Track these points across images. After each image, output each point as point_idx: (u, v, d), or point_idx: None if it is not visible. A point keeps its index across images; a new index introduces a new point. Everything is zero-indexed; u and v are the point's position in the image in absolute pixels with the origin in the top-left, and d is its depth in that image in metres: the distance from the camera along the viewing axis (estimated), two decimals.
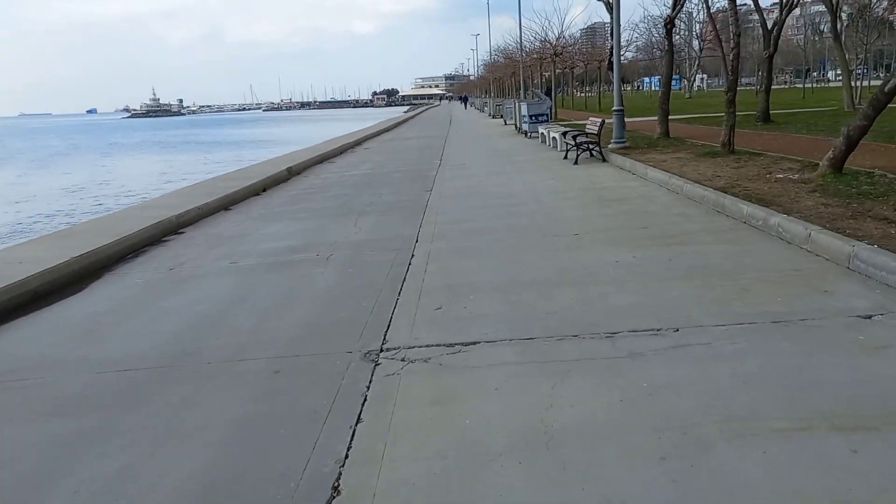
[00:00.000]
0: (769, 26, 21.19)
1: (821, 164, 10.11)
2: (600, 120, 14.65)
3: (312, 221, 10.09)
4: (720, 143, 13.91)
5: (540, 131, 21.91)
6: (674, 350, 4.28)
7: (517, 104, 27.55)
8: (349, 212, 10.67)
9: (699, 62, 61.07)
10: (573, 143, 14.59)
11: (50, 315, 6.31)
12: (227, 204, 12.18)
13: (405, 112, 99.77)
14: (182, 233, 10.00)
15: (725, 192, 8.83)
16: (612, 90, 19.92)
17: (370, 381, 4.24)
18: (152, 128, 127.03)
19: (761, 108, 21.64)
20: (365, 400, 4.00)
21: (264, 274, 7.16)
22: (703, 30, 57.47)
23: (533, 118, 23.63)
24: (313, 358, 4.72)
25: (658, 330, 4.63)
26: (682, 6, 17.70)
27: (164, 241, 9.46)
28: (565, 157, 15.99)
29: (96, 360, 4.99)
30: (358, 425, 3.70)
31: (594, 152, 15.05)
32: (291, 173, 16.80)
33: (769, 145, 15.02)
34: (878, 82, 17.78)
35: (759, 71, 63.59)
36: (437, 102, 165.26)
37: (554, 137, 19.14)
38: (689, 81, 63.70)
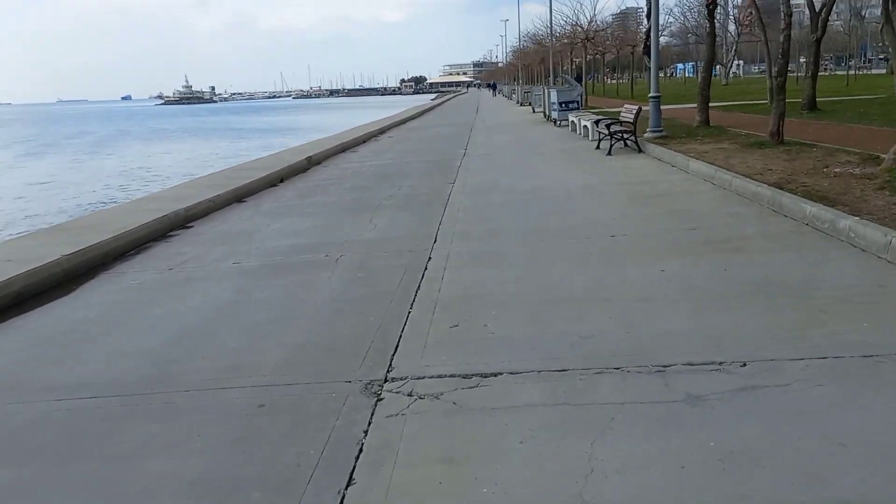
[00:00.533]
0: (817, 8, 19.89)
1: (886, 157, 9.10)
2: (636, 107, 13.71)
3: (326, 217, 9.38)
4: (768, 132, 12.88)
5: (570, 119, 20.95)
6: (743, 394, 3.46)
7: (546, 91, 26.57)
8: (366, 207, 9.94)
9: (736, 47, 59.09)
10: (607, 132, 13.67)
11: (27, 323, 5.69)
12: (241, 196, 11.53)
13: (432, 100, 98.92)
14: (190, 227, 9.37)
15: (782, 189, 7.90)
16: (646, 77, 18.93)
17: (369, 424, 3.51)
18: (187, 114, 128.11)
19: (807, 96, 20.38)
20: (361, 451, 3.27)
21: (267, 278, 6.47)
22: (741, 14, 55.56)
23: (563, 105, 22.65)
24: (306, 388, 4.00)
25: (720, 364, 3.81)
26: None
27: (170, 236, 8.84)
28: (597, 148, 15.07)
29: (62, 384, 4.34)
30: (349, 489, 2.96)
31: (629, 142, 14.11)
32: (311, 163, 16.12)
33: (821, 136, 13.92)
34: None
35: (801, 56, 61.32)
36: (465, 90, 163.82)
37: (585, 126, 18.19)
38: (725, 68, 61.66)
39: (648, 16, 21.69)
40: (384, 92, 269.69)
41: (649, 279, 5.45)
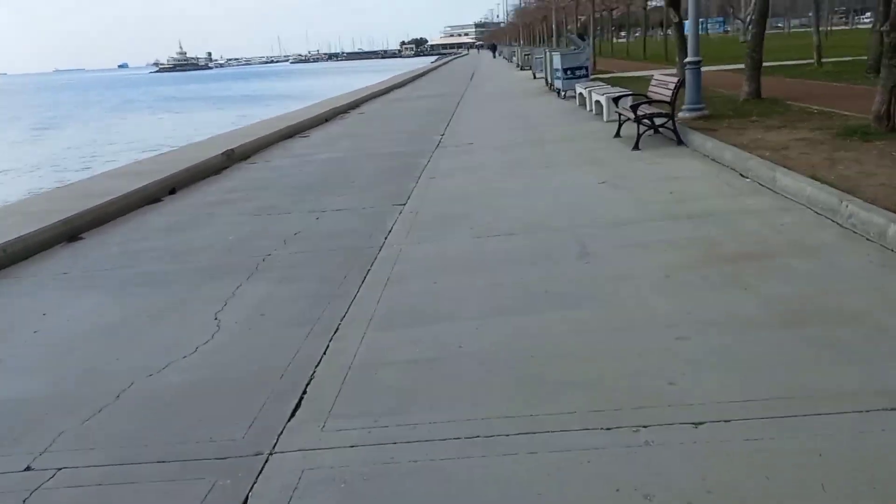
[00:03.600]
0: None
1: None
2: (674, 80, 9.53)
3: (156, 294, 5.38)
4: (872, 115, 8.76)
5: (578, 91, 16.73)
6: None
7: (548, 55, 22.23)
8: (240, 265, 5.90)
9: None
10: (632, 115, 9.53)
11: None
12: (76, 231, 7.52)
13: (432, 62, 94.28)
14: None
15: None
16: (662, 35, 14.81)
17: None
18: (177, 82, 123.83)
19: (874, 55, 16.02)
20: None
21: None
22: None
23: (568, 73, 18.39)
24: None
25: None
26: None
27: None
28: (617, 135, 10.94)
29: None
30: None
31: (663, 129, 9.98)
32: (231, 159, 12.08)
33: None
34: None
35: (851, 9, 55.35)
36: (466, 52, 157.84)
37: (598, 101, 14.02)
38: (744, 22, 56.36)
39: None
40: (384, 55, 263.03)
41: None
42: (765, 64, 23.55)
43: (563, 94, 18.80)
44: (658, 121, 9.87)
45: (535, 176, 8.54)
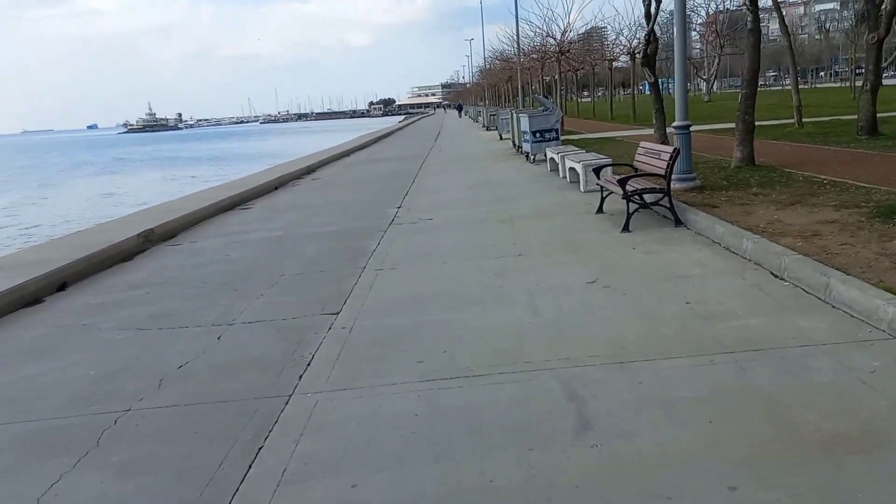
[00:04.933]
0: None
1: None
2: (671, 150, 7.98)
3: None
4: None
5: (549, 155, 15.33)
6: None
7: (515, 116, 21.00)
8: (69, 441, 4.00)
9: (719, 60, 54.29)
10: (621, 192, 7.94)
11: None
12: None
13: (400, 122, 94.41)
14: None
15: None
16: (625, 95, 13.65)
17: None
18: (140, 142, 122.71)
19: (866, 115, 15.02)
20: None
21: None
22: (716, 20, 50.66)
23: (537, 135, 17.06)
24: None
25: None
26: None
27: None
28: (600, 211, 9.38)
29: None
30: None
31: (656, 206, 8.40)
32: (150, 241, 10.20)
33: None
34: None
35: (851, 64, 55.86)
36: (433, 111, 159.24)
37: (573, 169, 12.55)
38: (708, 83, 56.89)
39: (648, 16, 16.33)
40: (353, 115, 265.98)
41: None
42: (732, 123, 22.73)
43: (532, 157, 17.44)
44: (649, 196, 8.31)
45: (504, 269, 6.83)
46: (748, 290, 5.38)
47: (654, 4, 15.64)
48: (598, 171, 9.71)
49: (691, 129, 10.03)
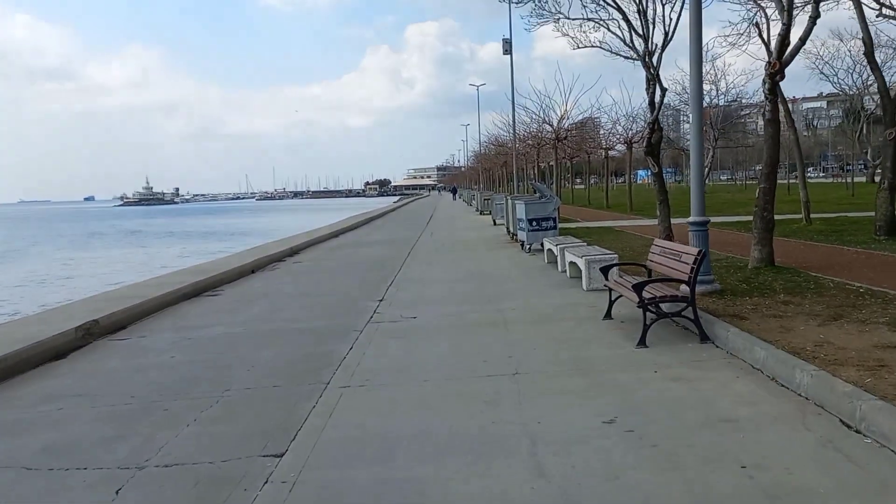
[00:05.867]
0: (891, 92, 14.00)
1: None
2: (695, 252, 6.82)
3: None
4: None
5: (547, 247, 14.26)
6: None
7: (510, 202, 20.12)
8: None
9: (713, 152, 54.40)
10: (637, 299, 6.74)
11: None
12: None
13: (394, 202, 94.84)
14: None
15: None
16: (614, 183, 12.80)
17: None
18: (132, 216, 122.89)
19: (884, 216, 14.11)
20: None
21: None
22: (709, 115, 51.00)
23: (534, 224, 16.07)
24: None
25: None
26: (793, 50, 10.37)
27: None
28: (607, 317, 8.15)
29: None
30: None
31: (675, 318, 7.15)
32: (91, 334, 8.85)
33: None
34: None
35: (862, 160, 56.26)
36: (428, 193, 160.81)
37: (573, 264, 11.41)
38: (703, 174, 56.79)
39: (652, 105, 15.66)
40: (349, 194, 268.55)
41: None
42: (747, 219, 21.88)
43: (528, 247, 16.37)
44: (667, 305, 7.09)
45: (498, 396, 5.52)
46: (820, 451, 4.07)
47: (658, 93, 14.99)
48: (605, 270, 8.54)
49: (687, 220, 8.98)
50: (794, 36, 10.41)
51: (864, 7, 14.69)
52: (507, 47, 33.78)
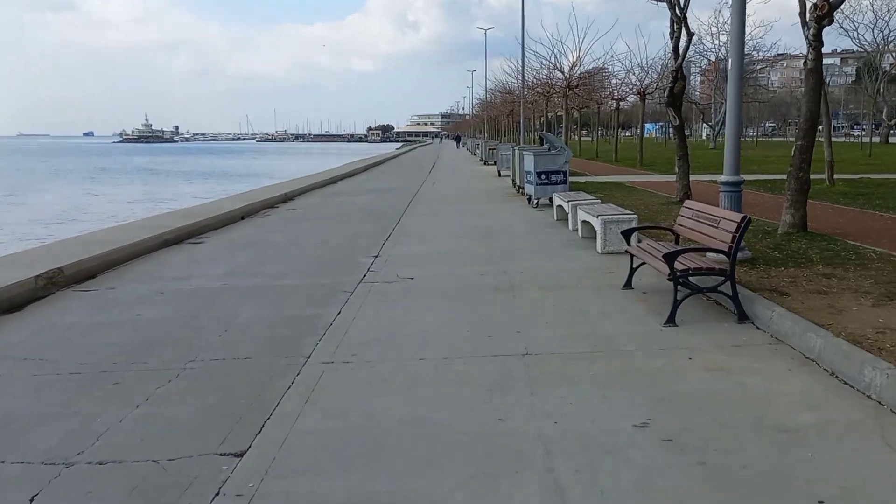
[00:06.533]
0: None
1: None
2: (738, 218, 5.86)
3: None
4: None
5: (556, 202, 13.30)
6: None
7: (517, 153, 19.01)
8: None
9: (725, 105, 52.42)
10: (668, 271, 5.84)
11: None
12: None
13: (397, 149, 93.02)
14: None
15: None
16: (623, 135, 11.37)
17: None
18: (131, 153, 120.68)
19: None
20: None
21: None
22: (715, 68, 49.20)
23: (542, 177, 15.05)
24: None
25: None
26: None
27: None
28: (627, 286, 7.28)
29: None
30: None
31: (712, 293, 6.24)
32: (54, 283, 7.98)
33: None
34: None
35: (874, 121, 54.76)
36: (430, 140, 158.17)
37: (586, 222, 10.49)
38: (714, 129, 55.31)
39: (676, 52, 14.49)
40: (351, 139, 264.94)
41: None
42: (764, 177, 20.84)
43: (535, 202, 15.41)
44: (698, 279, 6.19)
45: (505, 382, 4.67)
46: None
47: (683, 38, 13.80)
48: (627, 235, 7.61)
49: (697, 177, 8.01)
50: None
51: None
52: None
